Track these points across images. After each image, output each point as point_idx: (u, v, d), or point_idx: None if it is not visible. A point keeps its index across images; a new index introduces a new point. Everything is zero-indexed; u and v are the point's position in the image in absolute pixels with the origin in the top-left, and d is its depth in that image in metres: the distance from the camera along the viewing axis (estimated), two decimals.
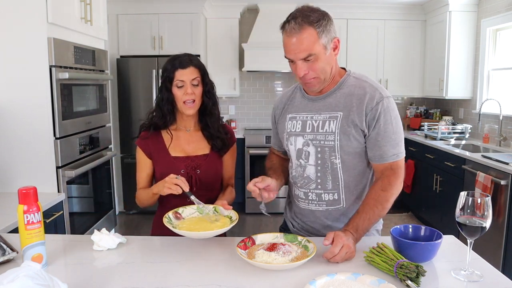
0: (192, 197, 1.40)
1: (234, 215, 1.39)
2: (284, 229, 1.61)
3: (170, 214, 1.37)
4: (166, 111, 1.54)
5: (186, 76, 1.49)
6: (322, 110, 1.39)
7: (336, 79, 1.39)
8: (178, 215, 1.39)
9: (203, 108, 1.57)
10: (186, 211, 1.41)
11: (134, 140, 1.64)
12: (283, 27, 1.30)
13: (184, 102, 1.50)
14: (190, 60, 1.51)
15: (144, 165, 1.59)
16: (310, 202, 1.44)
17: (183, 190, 1.36)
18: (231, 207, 1.43)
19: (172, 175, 1.39)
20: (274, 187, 1.36)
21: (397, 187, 1.33)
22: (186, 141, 1.59)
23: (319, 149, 1.38)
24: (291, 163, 1.49)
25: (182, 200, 1.47)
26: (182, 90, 1.49)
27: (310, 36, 1.25)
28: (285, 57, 1.32)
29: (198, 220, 1.38)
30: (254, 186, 1.31)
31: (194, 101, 1.51)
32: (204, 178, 1.56)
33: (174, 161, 1.54)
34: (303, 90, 1.46)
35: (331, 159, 1.37)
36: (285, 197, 1.65)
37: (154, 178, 1.60)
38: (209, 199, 1.53)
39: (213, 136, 1.59)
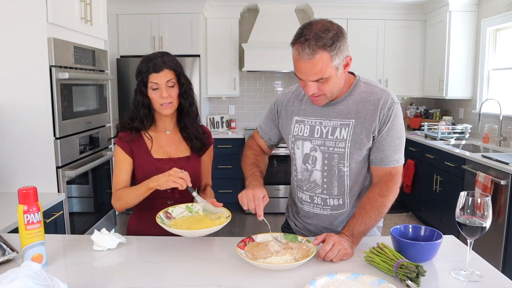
0: (194, 194, 1.40)
1: (226, 212, 1.39)
2: (287, 228, 1.61)
3: (161, 214, 1.37)
4: (143, 115, 1.51)
5: (160, 79, 1.45)
6: (332, 116, 1.37)
7: (345, 85, 1.36)
8: (169, 215, 1.38)
9: (180, 109, 1.55)
10: (175, 210, 1.41)
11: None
12: (293, 44, 1.22)
13: (161, 104, 1.47)
14: (164, 63, 1.46)
15: (125, 164, 1.52)
16: (315, 205, 1.44)
17: (187, 186, 1.35)
18: (221, 204, 1.42)
19: (176, 169, 1.37)
20: (267, 195, 1.32)
21: (395, 193, 1.34)
22: (167, 143, 1.57)
23: (326, 155, 1.37)
24: (295, 166, 1.47)
25: (159, 200, 1.47)
26: (157, 93, 1.46)
27: (323, 60, 1.19)
28: (295, 74, 1.27)
29: (190, 218, 1.38)
30: (262, 211, 1.27)
31: (170, 102, 1.49)
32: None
33: (157, 163, 1.52)
34: None
35: (339, 167, 1.36)
36: (286, 197, 1.66)
37: (134, 182, 1.54)
38: (188, 201, 1.52)
39: (192, 138, 1.57)
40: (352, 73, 1.41)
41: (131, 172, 1.55)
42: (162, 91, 1.46)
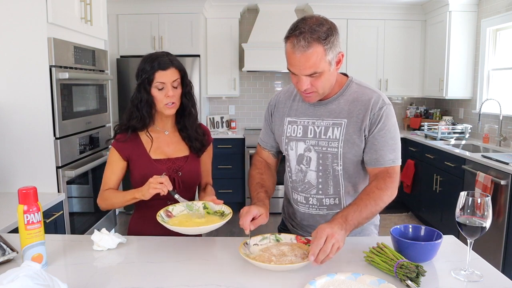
0: (177, 196, 1.40)
1: (227, 209, 1.39)
2: (283, 229, 1.61)
3: (161, 212, 1.37)
4: (146, 114, 1.49)
5: (166, 77, 1.44)
6: (324, 116, 1.37)
7: (337, 85, 1.36)
8: (169, 213, 1.39)
9: (181, 109, 1.55)
10: (176, 209, 1.41)
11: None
12: (287, 38, 1.22)
13: (165, 104, 1.47)
14: (170, 61, 1.46)
15: (117, 167, 1.53)
16: (310, 206, 1.44)
17: (168, 190, 1.35)
18: (222, 201, 1.42)
19: (155, 176, 1.37)
20: (265, 215, 1.28)
21: (392, 190, 1.30)
22: (165, 143, 1.56)
23: (321, 155, 1.37)
24: (289, 167, 1.47)
25: (159, 200, 1.47)
26: (162, 92, 1.46)
27: (317, 53, 1.19)
28: (288, 68, 1.27)
29: (189, 216, 1.38)
30: (247, 225, 1.22)
31: (173, 103, 1.48)
32: (186, 179, 1.55)
33: (155, 163, 1.52)
34: None
35: (333, 166, 1.36)
36: (283, 197, 1.65)
37: (132, 182, 1.54)
38: (188, 199, 1.52)
39: (191, 138, 1.57)
40: (345, 74, 1.41)
41: (123, 175, 1.56)
42: (167, 90, 1.45)
